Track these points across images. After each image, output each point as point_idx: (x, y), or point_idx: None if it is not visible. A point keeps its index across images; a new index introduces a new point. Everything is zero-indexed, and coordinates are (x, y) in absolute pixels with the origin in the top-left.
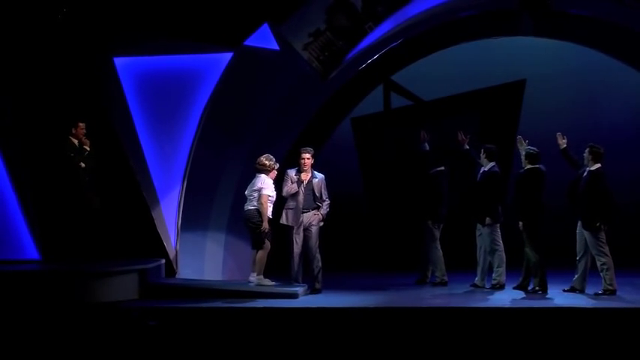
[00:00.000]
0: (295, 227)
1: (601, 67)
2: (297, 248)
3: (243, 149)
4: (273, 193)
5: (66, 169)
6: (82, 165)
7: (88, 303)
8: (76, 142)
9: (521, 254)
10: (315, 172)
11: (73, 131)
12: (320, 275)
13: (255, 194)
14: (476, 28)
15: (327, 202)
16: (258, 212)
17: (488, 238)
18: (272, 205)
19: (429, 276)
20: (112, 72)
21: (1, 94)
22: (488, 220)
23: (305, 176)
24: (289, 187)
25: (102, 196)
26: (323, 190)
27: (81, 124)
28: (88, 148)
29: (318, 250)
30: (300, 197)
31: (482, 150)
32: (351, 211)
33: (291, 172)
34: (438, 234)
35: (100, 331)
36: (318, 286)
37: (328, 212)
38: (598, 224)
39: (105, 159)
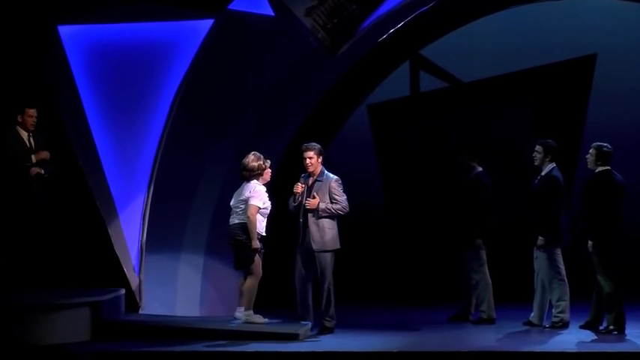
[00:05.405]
0: (298, 247)
1: None
2: (297, 274)
3: (228, 146)
4: (266, 204)
5: (6, 171)
6: (39, 171)
7: (26, 345)
8: (24, 134)
9: (590, 283)
10: (327, 174)
11: (19, 119)
12: (332, 309)
13: (243, 205)
14: None
15: (340, 203)
16: (245, 227)
17: (546, 263)
18: (265, 219)
19: (472, 311)
20: (55, 44)
21: None
22: (541, 240)
23: (299, 189)
24: (291, 202)
25: (49, 208)
26: (334, 195)
27: (30, 110)
28: (32, 143)
29: (329, 278)
30: (302, 209)
31: (537, 146)
32: (368, 224)
33: (301, 180)
34: (485, 256)
35: None
36: (328, 323)
37: (336, 208)
38: None
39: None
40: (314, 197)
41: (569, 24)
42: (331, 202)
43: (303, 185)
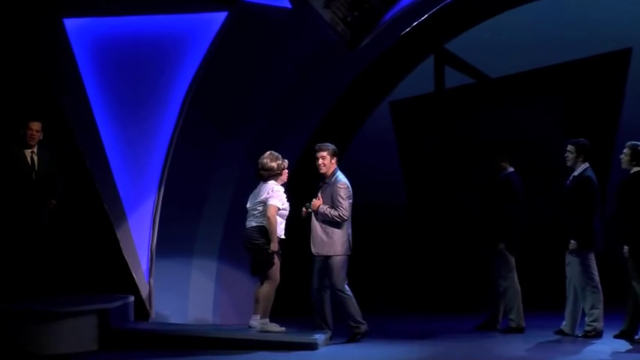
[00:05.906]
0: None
1: None
2: (313, 283)
3: (241, 146)
4: (285, 205)
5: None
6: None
7: (30, 355)
8: (28, 153)
9: (625, 290)
10: (338, 177)
11: (21, 132)
12: (353, 315)
13: (261, 207)
14: None
15: (339, 210)
16: (263, 230)
17: (579, 268)
18: (284, 221)
19: (500, 320)
20: (60, 38)
21: None
22: (573, 244)
23: (304, 214)
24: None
25: (54, 211)
26: (336, 200)
27: (32, 123)
28: (35, 160)
29: (337, 284)
30: (313, 215)
31: (569, 146)
32: (390, 228)
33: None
34: (514, 262)
35: None
36: (356, 329)
37: (332, 214)
38: None
39: (53, 161)
40: (318, 198)
41: (602, 15)
42: (333, 206)
43: (307, 211)
